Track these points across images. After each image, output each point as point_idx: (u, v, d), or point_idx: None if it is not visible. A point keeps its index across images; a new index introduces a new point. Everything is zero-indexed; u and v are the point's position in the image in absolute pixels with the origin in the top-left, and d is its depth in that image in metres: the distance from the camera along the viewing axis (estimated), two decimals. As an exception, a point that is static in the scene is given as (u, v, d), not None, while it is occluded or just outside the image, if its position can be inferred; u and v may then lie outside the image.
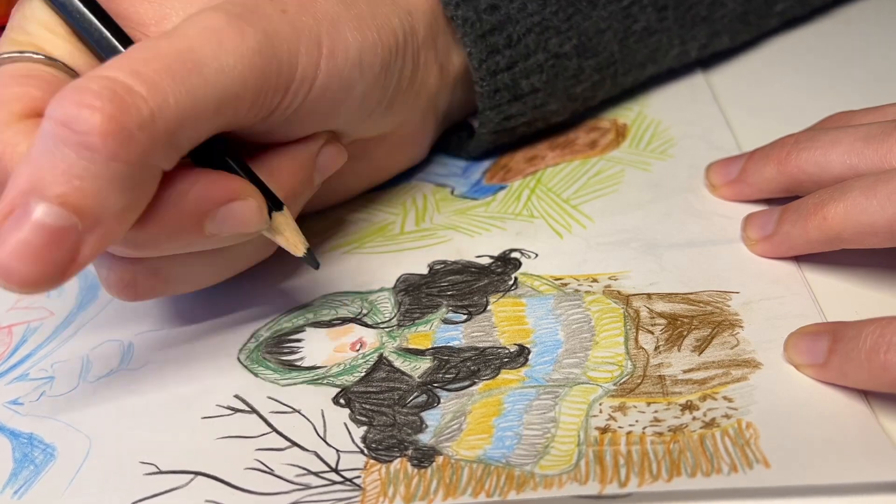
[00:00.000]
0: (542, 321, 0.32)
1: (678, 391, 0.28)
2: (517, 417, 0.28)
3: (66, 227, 0.24)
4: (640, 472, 0.25)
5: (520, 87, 0.39)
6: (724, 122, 0.42)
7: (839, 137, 0.32)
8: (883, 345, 0.25)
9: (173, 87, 0.25)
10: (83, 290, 0.37)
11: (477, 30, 0.37)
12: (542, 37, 0.38)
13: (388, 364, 0.31)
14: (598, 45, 0.40)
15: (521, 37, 0.38)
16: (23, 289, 0.25)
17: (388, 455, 0.27)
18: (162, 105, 0.25)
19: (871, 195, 0.29)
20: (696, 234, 0.35)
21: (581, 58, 0.40)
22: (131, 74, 0.25)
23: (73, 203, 0.24)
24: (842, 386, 0.27)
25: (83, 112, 0.24)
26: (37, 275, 0.25)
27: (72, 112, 0.24)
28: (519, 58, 0.38)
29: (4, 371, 0.33)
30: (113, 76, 0.25)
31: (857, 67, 0.46)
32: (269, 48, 0.28)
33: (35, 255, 0.24)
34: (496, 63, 0.38)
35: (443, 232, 0.37)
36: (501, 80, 0.38)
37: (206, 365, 0.32)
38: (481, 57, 0.37)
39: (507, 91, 0.38)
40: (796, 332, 0.29)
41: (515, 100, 0.39)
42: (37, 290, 0.25)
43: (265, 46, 0.28)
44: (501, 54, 0.38)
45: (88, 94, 0.24)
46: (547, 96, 0.40)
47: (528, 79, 0.39)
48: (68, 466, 0.29)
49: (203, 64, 0.26)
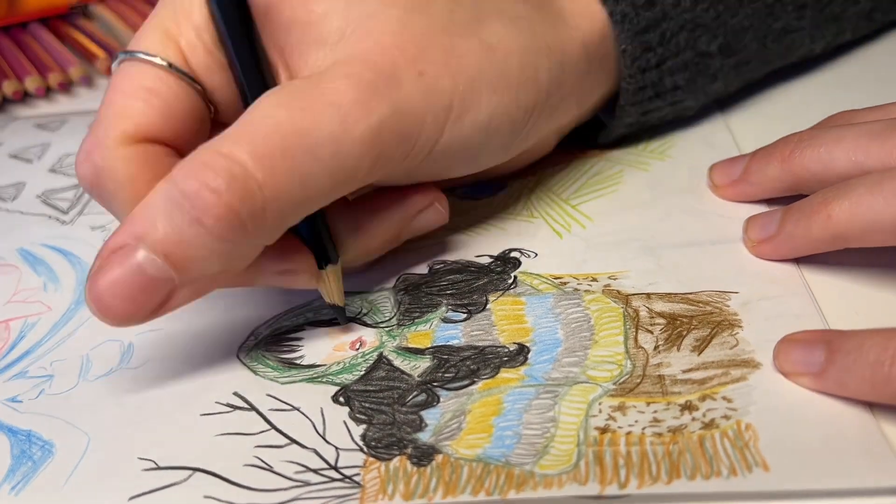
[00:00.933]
0: (542, 320, 0.32)
1: (677, 391, 0.28)
2: (517, 417, 0.28)
3: (163, 278, 0.26)
4: (640, 474, 0.25)
5: (664, 84, 0.38)
6: (723, 122, 0.42)
7: (843, 135, 0.32)
8: (887, 358, 0.25)
9: (287, 173, 0.26)
10: (80, 283, 0.37)
11: (634, 26, 0.36)
12: (693, 34, 0.38)
13: (388, 363, 0.31)
14: (740, 44, 0.39)
15: (674, 34, 0.37)
16: (111, 321, 0.27)
17: (388, 453, 0.27)
18: (274, 192, 0.26)
19: (876, 191, 0.29)
20: (696, 233, 0.35)
21: (723, 56, 0.39)
22: (250, 156, 0.26)
23: (175, 261, 0.26)
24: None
25: (203, 192, 0.25)
26: (126, 313, 0.27)
27: (193, 188, 0.25)
28: (669, 55, 0.37)
29: (3, 368, 0.33)
30: (235, 156, 0.26)
31: (858, 68, 0.46)
32: (394, 124, 0.28)
33: (129, 296, 0.26)
34: (647, 61, 0.37)
35: (443, 232, 0.37)
36: (649, 78, 0.37)
37: (206, 362, 0.32)
38: (635, 55, 0.36)
39: (651, 88, 0.38)
40: (785, 340, 0.29)
41: (657, 97, 0.39)
42: (123, 325, 0.27)
43: (390, 123, 0.28)
44: (654, 52, 0.37)
45: (210, 174, 0.25)
46: (685, 94, 0.39)
47: (672, 76, 0.38)
48: (66, 462, 0.28)
49: (321, 146, 0.27)
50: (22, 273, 0.38)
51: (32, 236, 0.41)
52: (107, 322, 0.27)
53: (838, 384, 0.27)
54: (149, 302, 0.27)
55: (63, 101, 0.56)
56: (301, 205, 0.27)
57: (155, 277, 0.26)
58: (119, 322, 0.27)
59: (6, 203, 0.44)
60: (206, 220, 0.25)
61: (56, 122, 0.53)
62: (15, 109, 0.55)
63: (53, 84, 0.56)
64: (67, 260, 0.39)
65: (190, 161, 0.26)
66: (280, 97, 0.27)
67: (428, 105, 0.29)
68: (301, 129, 0.27)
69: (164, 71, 0.30)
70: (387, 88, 0.28)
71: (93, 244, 0.40)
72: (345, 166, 0.27)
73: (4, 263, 0.39)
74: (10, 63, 0.57)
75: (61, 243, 0.40)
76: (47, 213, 0.43)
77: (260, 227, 0.27)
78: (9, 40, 0.60)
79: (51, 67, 0.56)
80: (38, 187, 0.45)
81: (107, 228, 0.41)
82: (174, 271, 0.26)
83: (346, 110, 0.27)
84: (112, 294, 0.26)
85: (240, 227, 0.26)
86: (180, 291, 0.27)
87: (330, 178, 0.27)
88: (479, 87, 0.31)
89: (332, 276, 0.31)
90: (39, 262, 0.39)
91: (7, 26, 0.61)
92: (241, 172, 0.26)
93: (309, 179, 0.27)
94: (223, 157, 0.26)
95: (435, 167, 0.32)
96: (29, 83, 0.55)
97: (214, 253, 0.26)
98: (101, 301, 0.27)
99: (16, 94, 0.55)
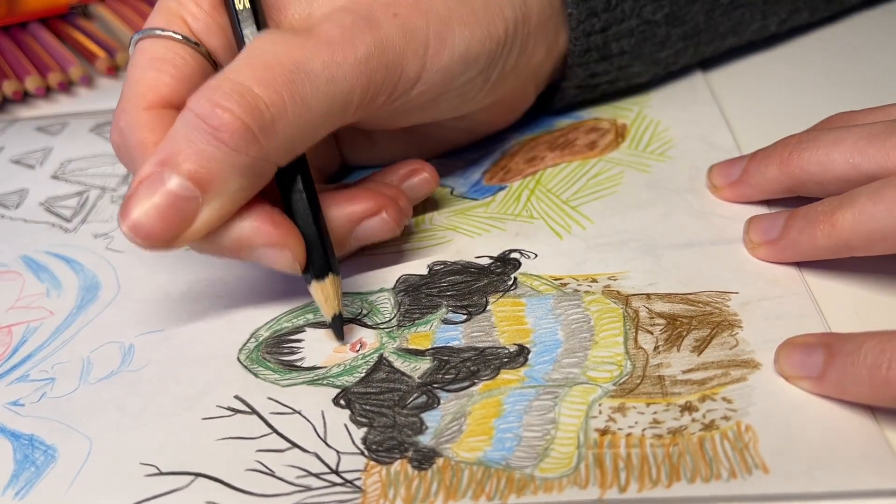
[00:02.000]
0: (542, 321, 0.32)
1: (677, 391, 0.28)
2: (517, 418, 0.28)
3: (189, 197, 0.29)
4: (640, 477, 0.25)
5: (609, 48, 0.41)
6: (723, 122, 0.42)
7: (841, 136, 0.32)
8: (885, 361, 0.25)
9: (289, 95, 0.29)
10: (82, 289, 0.37)
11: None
12: (638, 3, 0.41)
13: (388, 365, 0.31)
14: (686, 15, 0.42)
15: (619, 2, 0.40)
16: (146, 243, 0.29)
17: (389, 457, 0.27)
18: (279, 111, 0.29)
19: (878, 200, 0.29)
20: (696, 234, 0.35)
21: (669, 26, 0.42)
22: (255, 81, 0.29)
23: (199, 179, 0.29)
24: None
25: (216, 110, 0.28)
26: (159, 232, 0.29)
27: (206, 108, 0.28)
28: (613, 21, 0.40)
29: (5, 372, 0.33)
30: (241, 81, 0.29)
31: (856, 68, 0.46)
32: (378, 57, 0.32)
33: (161, 216, 0.29)
34: (592, 25, 0.40)
35: (442, 233, 0.37)
36: (593, 42, 0.40)
37: (206, 365, 0.32)
38: (580, 18, 0.40)
39: (596, 51, 0.41)
40: (786, 344, 0.29)
41: (603, 60, 0.41)
42: (155, 247, 0.30)
43: (374, 56, 0.31)
44: (598, 17, 0.40)
45: (221, 95, 0.28)
46: (632, 59, 0.42)
47: (618, 41, 0.41)
48: (69, 468, 0.29)
49: (315, 75, 0.30)
50: (25, 280, 0.39)
51: (36, 244, 0.41)
52: (141, 245, 0.29)
53: (837, 388, 0.27)
54: (178, 222, 0.29)
55: (63, 101, 0.56)
56: (305, 127, 0.30)
57: (181, 196, 0.29)
58: (151, 242, 0.29)
59: (9, 211, 0.44)
60: (222, 135, 0.28)
61: (57, 125, 0.53)
62: (15, 110, 0.55)
63: (53, 84, 0.56)
64: (70, 267, 0.39)
65: (201, 88, 0.29)
66: (274, 37, 0.31)
67: (407, 42, 0.33)
68: (298, 58, 0.30)
69: (171, 41, 0.33)
70: (367, 28, 0.32)
71: (96, 252, 0.40)
72: (339, 93, 0.31)
73: (7, 270, 0.39)
74: (10, 63, 0.57)
75: (64, 251, 0.40)
76: (50, 221, 0.43)
77: (270, 142, 0.29)
78: (9, 40, 0.60)
79: (51, 67, 0.56)
80: (40, 195, 0.45)
81: (110, 236, 0.41)
82: (198, 189, 0.29)
83: (335, 45, 0.31)
84: (145, 216, 0.29)
85: (253, 140, 0.29)
86: (204, 210, 0.29)
87: (326, 103, 0.30)
88: (450, 23, 0.34)
89: (331, 288, 0.31)
90: (42, 269, 0.39)
91: (7, 26, 0.61)
92: (248, 92, 0.29)
93: (309, 103, 0.30)
94: (230, 81, 0.29)
95: (422, 103, 0.35)
96: (29, 83, 0.55)
97: (231, 166, 0.29)
98: (135, 224, 0.29)
99: (16, 95, 0.55)
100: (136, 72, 0.33)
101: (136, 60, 0.33)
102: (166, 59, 0.33)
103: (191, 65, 0.33)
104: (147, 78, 0.33)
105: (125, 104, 0.33)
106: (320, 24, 0.32)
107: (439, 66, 0.34)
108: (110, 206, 0.43)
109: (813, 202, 0.32)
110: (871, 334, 0.26)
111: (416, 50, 0.33)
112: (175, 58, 0.33)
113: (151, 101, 0.32)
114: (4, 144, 0.51)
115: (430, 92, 0.34)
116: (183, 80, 0.33)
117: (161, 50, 0.33)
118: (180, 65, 0.33)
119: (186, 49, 0.33)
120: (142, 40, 0.34)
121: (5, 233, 0.43)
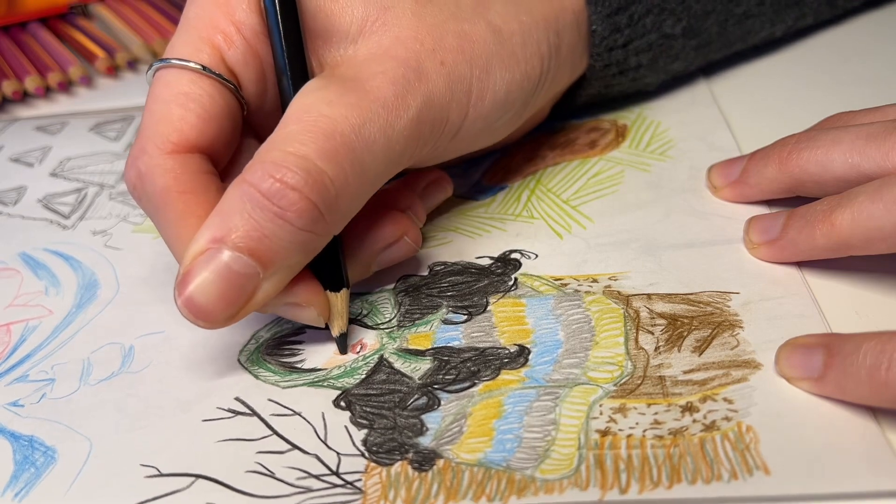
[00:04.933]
0: (542, 321, 0.32)
1: (678, 392, 0.28)
2: (517, 419, 0.28)
3: (250, 274, 0.28)
4: (641, 478, 0.25)
5: (628, 63, 0.41)
6: (723, 123, 0.42)
7: (840, 137, 0.32)
8: (884, 361, 0.25)
9: (350, 167, 0.28)
10: (81, 287, 0.37)
11: (606, 8, 0.38)
12: (659, 18, 0.40)
13: (389, 366, 0.31)
14: (702, 27, 0.42)
15: (642, 17, 0.40)
16: (209, 324, 0.28)
17: (389, 458, 0.27)
18: (343, 185, 0.28)
19: (876, 199, 0.29)
20: (696, 234, 0.35)
21: (685, 38, 0.42)
22: (318, 154, 0.28)
23: (260, 256, 0.28)
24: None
25: (283, 189, 0.27)
26: (216, 311, 0.28)
27: (273, 186, 0.27)
28: (635, 37, 0.40)
29: (4, 371, 0.33)
30: (304, 154, 0.28)
31: (856, 68, 0.46)
32: (427, 112, 0.31)
33: (218, 294, 0.28)
34: (615, 41, 0.39)
35: (443, 233, 0.37)
36: (614, 57, 0.40)
37: (207, 367, 0.32)
38: (604, 34, 0.39)
39: (616, 66, 0.40)
40: (787, 345, 0.29)
41: (620, 74, 0.41)
42: (216, 325, 0.29)
43: (423, 112, 0.31)
44: (621, 33, 0.39)
45: (288, 172, 0.27)
46: (647, 71, 0.42)
47: (637, 56, 0.41)
48: (69, 469, 0.29)
49: (374, 141, 0.29)
50: (23, 277, 0.39)
51: (34, 241, 0.41)
52: (200, 325, 0.28)
53: (838, 388, 0.27)
54: (238, 298, 0.28)
55: (63, 100, 0.56)
56: (363, 193, 0.30)
57: (241, 273, 0.28)
58: (212, 322, 0.28)
59: (7, 207, 0.44)
60: (289, 215, 0.27)
61: (56, 124, 0.53)
62: (15, 109, 0.55)
63: (53, 84, 0.56)
64: (69, 264, 0.39)
65: (260, 162, 0.28)
66: (326, 94, 0.29)
67: (452, 92, 0.32)
68: (356, 125, 0.29)
69: (198, 74, 0.31)
70: (417, 82, 0.31)
71: (94, 249, 0.40)
72: (393, 154, 0.30)
73: (6, 268, 0.39)
74: (9, 63, 0.57)
75: (63, 248, 0.40)
76: (48, 218, 0.43)
77: (334, 218, 0.29)
78: (9, 40, 0.60)
79: (50, 67, 0.56)
80: (39, 192, 0.45)
81: (108, 233, 0.41)
82: (259, 266, 0.28)
83: (390, 106, 0.30)
84: (204, 295, 0.28)
85: (319, 219, 0.28)
86: (264, 285, 0.29)
87: (382, 168, 0.30)
88: (492, 68, 0.33)
89: (339, 303, 0.31)
90: (41, 267, 0.39)
91: (7, 26, 0.61)
92: (314, 169, 0.28)
93: (368, 169, 0.29)
94: (295, 156, 0.28)
95: (460, 145, 0.34)
96: (29, 83, 0.55)
97: (294, 244, 0.28)
98: (193, 303, 0.28)
99: (16, 94, 0.55)
100: (159, 107, 0.31)
101: (159, 93, 0.31)
102: (192, 95, 0.31)
103: (219, 104, 0.31)
104: (171, 116, 0.31)
105: (146, 144, 0.31)
106: (371, 77, 0.30)
107: (480, 113, 0.33)
108: (108, 202, 0.43)
109: (812, 202, 0.32)
110: (871, 335, 0.26)
111: (461, 100, 0.32)
112: (202, 95, 0.31)
113: (176, 143, 0.31)
114: (4, 144, 0.51)
115: (469, 137, 0.34)
116: (210, 121, 0.31)
117: (187, 84, 0.31)
118: (208, 104, 0.31)
119: (214, 84, 0.31)
120: (164, 69, 0.31)
121: (3, 229, 0.43)
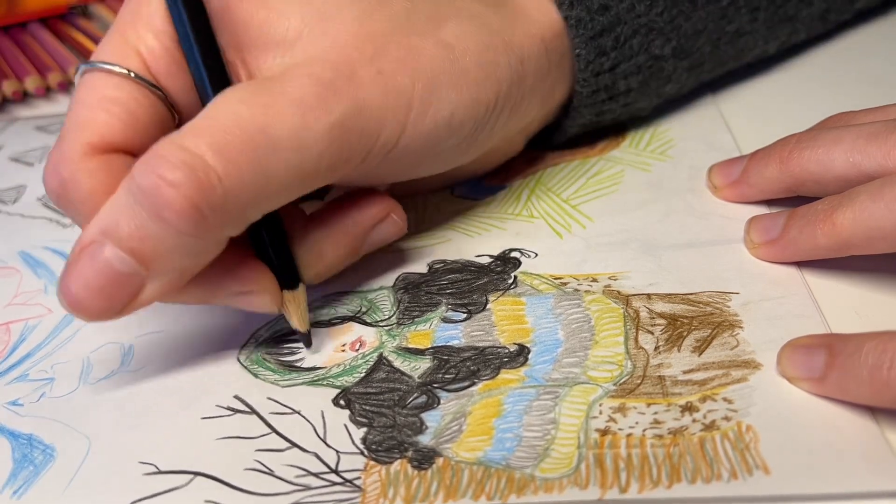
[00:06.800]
0: (542, 320, 0.32)
1: (678, 392, 0.28)
2: (517, 418, 0.28)
3: (131, 273, 0.27)
4: (641, 477, 0.25)
5: (617, 87, 0.38)
6: (723, 123, 0.42)
7: (841, 136, 0.32)
8: (886, 361, 0.25)
9: (248, 166, 0.26)
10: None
11: (588, 31, 0.36)
12: (647, 38, 0.38)
13: (388, 364, 0.31)
14: (693, 47, 0.40)
15: (628, 38, 0.37)
16: (87, 318, 0.28)
17: (389, 456, 0.27)
18: (235, 185, 0.26)
19: (877, 198, 0.29)
20: (696, 234, 0.35)
21: (676, 59, 0.39)
22: (210, 149, 0.26)
23: (141, 256, 0.26)
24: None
25: (162, 186, 0.25)
26: (99, 308, 0.27)
27: (152, 182, 0.25)
28: (623, 59, 0.38)
29: (4, 371, 0.33)
30: (193, 149, 0.26)
31: (856, 69, 0.46)
32: (354, 119, 0.28)
33: (100, 291, 0.27)
34: (601, 65, 0.37)
35: (442, 232, 0.37)
36: (602, 81, 0.38)
37: (206, 366, 0.32)
38: (589, 58, 0.37)
39: (605, 91, 0.38)
40: (788, 345, 0.29)
41: (610, 99, 0.39)
42: (99, 320, 0.28)
43: (349, 119, 0.28)
44: (608, 56, 0.37)
45: (168, 168, 0.25)
46: (638, 95, 0.40)
47: (626, 80, 0.38)
48: (68, 466, 0.28)
49: (280, 142, 0.27)
50: (22, 276, 0.39)
51: (33, 239, 0.41)
52: (80, 318, 0.28)
53: (839, 389, 0.27)
54: (119, 296, 0.27)
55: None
56: (263, 199, 0.28)
57: (123, 273, 0.27)
58: (92, 317, 0.27)
59: (7, 206, 0.44)
60: (167, 215, 0.25)
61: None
62: (15, 110, 0.55)
63: (53, 84, 0.56)
64: (68, 263, 0.39)
65: (148, 155, 0.26)
66: (241, 94, 0.28)
67: (387, 103, 0.29)
68: (262, 123, 0.27)
69: (125, 79, 0.30)
70: (346, 86, 0.29)
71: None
72: (305, 161, 0.28)
73: (5, 266, 0.39)
74: (9, 63, 0.57)
75: (62, 246, 0.40)
76: (48, 217, 0.43)
77: (221, 220, 0.27)
78: (9, 40, 0.60)
79: (50, 67, 0.56)
80: (38, 190, 0.45)
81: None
82: (140, 266, 0.27)
83: (307, 107, 0.27)
84: (84, 289, 0.27)
85: (201, 221, 0.26)
86: (150, 284, 0.27)
87: (291, 173, 0.27)
88: (438, 85, 0.31)
89: (294, 301, 0.31)
90: (40, 265, 0.39)
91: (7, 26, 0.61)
92: (200, 164, 0.26)
93: (270, 173, 0.27)
94: (181, 150, 0.26)
95: (399, 166, 0.32)
96: (29, 83, 0.55)
97: (178, 246, 0.26)
98: (73, 297, 0.27)
99: (16, 94, 0.55)
100: (82, 111, 0.30)
101: (83, 97, 0.30)
102: (118, 100, 0.29)
103: (146, 109, 0.30)
104: (95, 121, 0.29)
105: (67, 149, 0.29)
106: (295, 78, 0.28)
107: (420, 132, 0.31)
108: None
109: (813, 202, 0.32)
110: (872, 335, 0.26)
111: (397, 113, 0.30)
112: (129, 100, 0.30)
113: (97, 146, 0.29)
114: (4, 143, 0.51)
115: (408, 157, 0.31)
116: (136, 126, 0.30)
117: (112, 89, 0.30)
118: (134, 109, 0.30)
119: (141, 90, 0.30)
120: (90, 72, 0.30)
121: (3, 228, 0.43)
